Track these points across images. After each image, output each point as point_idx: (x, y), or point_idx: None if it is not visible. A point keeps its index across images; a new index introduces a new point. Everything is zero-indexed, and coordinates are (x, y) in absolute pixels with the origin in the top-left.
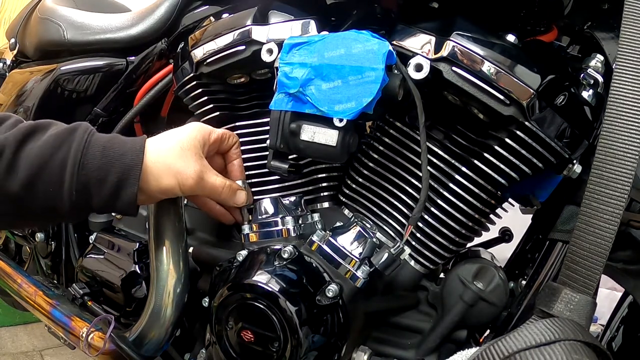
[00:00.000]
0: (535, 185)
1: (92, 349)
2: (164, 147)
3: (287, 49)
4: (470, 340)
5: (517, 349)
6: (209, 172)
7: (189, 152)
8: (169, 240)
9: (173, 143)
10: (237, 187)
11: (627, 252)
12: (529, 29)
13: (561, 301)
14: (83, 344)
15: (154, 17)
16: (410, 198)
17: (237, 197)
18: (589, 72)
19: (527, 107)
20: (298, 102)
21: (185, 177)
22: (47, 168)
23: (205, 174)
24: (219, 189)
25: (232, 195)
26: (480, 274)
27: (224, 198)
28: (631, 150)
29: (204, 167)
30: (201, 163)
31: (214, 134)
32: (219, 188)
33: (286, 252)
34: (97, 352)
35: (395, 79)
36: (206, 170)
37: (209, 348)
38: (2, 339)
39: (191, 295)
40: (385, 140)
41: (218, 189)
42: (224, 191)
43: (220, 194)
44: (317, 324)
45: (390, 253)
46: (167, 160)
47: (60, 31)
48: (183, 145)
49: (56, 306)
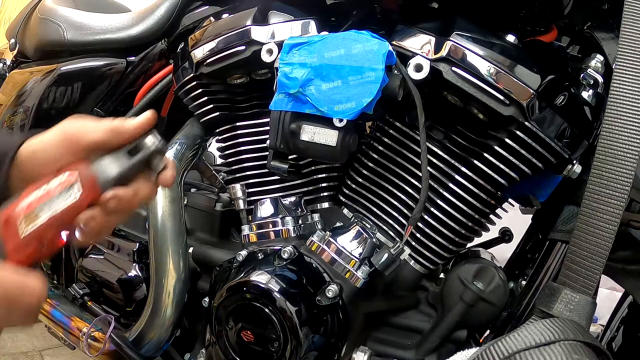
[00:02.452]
0: (535, 185)
1: (92, 349)
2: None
3: (287, 49)
4: (470, 340)
5: (517, 349)
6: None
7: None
8: (169, 240)
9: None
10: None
11: (627, 252)
12: (529, 29)
13: (561, 301)
14: (83, 344)
15: (154, 17)
16: (410, 198)
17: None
18: (589, 72)
19: (527, 107)
20: (298, 103)
21: (56, 138)
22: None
23: (70, 130)
24: (97, 134)
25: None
26: (480, 274)
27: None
28: (631, 150)
29: (70, 129)
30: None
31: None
32: (96, 133)
33: (286, 253)
34: (97, 352)
35: (395, 79)
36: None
37: (209, 348)
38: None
39: (191, 295)
40: (385, 141)
41: (96, 135)
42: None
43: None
44: (317, 324)
45: (390, 253)
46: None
47: (60, 31)
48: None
49: (56, 306)
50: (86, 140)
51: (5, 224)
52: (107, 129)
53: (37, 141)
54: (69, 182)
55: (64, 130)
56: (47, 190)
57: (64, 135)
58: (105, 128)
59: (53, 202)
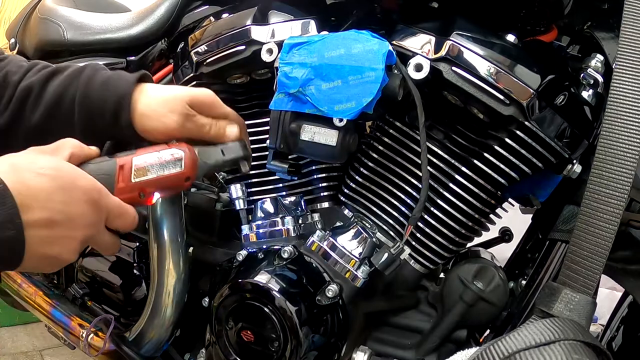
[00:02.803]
0: (535, 185)
1: (92, 349)
2: (153, 93)
3: (287, 49)
4: (470, 340)
5: (517, 349)
6: (192, 120)
7: (172, 105)
8: (169, 240)
9: (160, 96)
10: (226, 124)
11: (627, 252)
12: (529, 29)
13: (561, 301)
14: (83, 344)
15: (154, 17)
16: (410, 198)
17: (229, 131)
18: (589, 72)
19: (527, 107)
20: (298, 102)
21: (170, 121)
22: (62, 101)
23: (188, 122)
24: (205, 126)
25: (222, 130)
26: (480, 274)
27: (214, 134)
28: (631, 150)
29: (186, 116)
30: (184, 113)
31: (199, 94)
32: (205, 125)
33: (286, 252)
34: (97, 352)
35: (395, 79)
36: (189, 118)
37: (209, 348)
38: (2, 339)
39: (191, 295)
40: (385, 140)
41: (205, 126)
42: (212, 129)
43: (209, 132)
44: (317, 324)
45: (390, 253)
46: (155, 102)
47: (60, 31)
48: (169, 99)
49: (56, 306)
50: (212, 113)
51: (121, 168)
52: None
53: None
54: (177, 156)
55: (192, 94)
56: (159, 157)
57: (191, 98)
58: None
59: (161, 166)
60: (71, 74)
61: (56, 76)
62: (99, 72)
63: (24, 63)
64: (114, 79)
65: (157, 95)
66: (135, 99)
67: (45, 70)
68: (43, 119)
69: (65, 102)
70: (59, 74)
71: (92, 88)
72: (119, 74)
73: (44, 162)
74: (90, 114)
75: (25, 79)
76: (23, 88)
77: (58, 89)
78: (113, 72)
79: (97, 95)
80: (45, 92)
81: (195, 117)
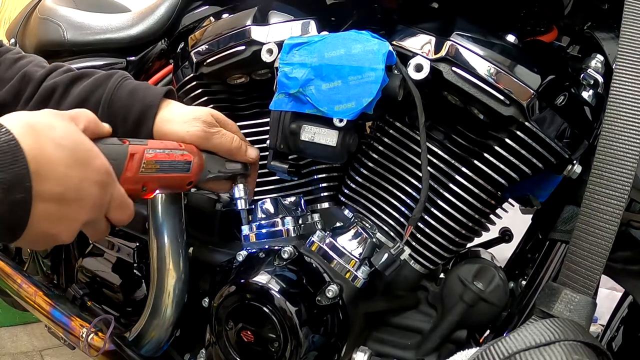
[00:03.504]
0: (535, 185)
1: (92, 349)
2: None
3: (287, 49)
4: (470, 340)
5: (517, 349)
6: (217, 129)
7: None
8: (169, 240)
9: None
10: (247, 142)
11: (627, 252)
12: (529, 29)
13: (561, 301)
14: (83, 344)
15: (154, 17)
16: (410, 198)
17: (250, 150)
18: (589, 72)
19: (527, 107)
20: (298, 103)
21: (194, 127)
22: (86, 104)
23: (213, 129)
24: (228, 140)
25: (244, 147)
26: (480, 274)
27: (234, 150)
28: (631, 150)
29: (212, 125)
30: (210, 123)
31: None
32: (228, 139)
33: (286, 253)
34: (97, 352)
35: (395, 79)
36: (214, 127)
37: (209, 348)
38: (2, 339)
39: (191, 295)
40: (385, 141)
41: (227, 140)
42: (234, 143)
43: (230, 146)
44: (317, 324)
45: (390, 253)
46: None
47: (60, 31)
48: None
49: (56, 306)
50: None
51: (131, 156)
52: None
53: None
54: (186, 159)
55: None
56: (171, 154)
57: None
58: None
59: (170, 165)
60: (98, 78)
61: (82, 80)
62: (127, 80)
63: (46, 63)
64: (142, 89)
65: (182, 110)
66: (160, 112)
67: (70, 72)
68: None
69: (88, 105)
70: (85, 78)
71: (119, 94)
72: (147, 85)
73: (64, 130)
74: (112, 119)
75: (49, 78)
76: (47, 87)
77: (83, 91)
78: (141, 83)
79: (123, 102)
80: (70, 94)
81: (219, 129)
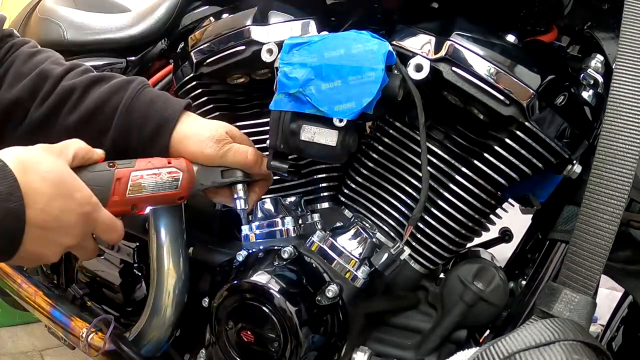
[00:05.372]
0: (535, 185)
1: (92, 349)
2: (195, 120)
3: (287, 49)
4: (470, 340)
5: (517, 349)
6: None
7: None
8: (169, 240)
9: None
10: (262, 155)
11: (627, 252)
12: (529, 29)
13: (561, 301)
14: (83, 344)
15: (154, 17)
16: (410, 198)
17: (265, 163)
18: (589, 72)
19: (527, 107)
20: (298, 102)
21: (209, 149)
22: (102, 109)
23: (227, 147)
24: (243, 155)
25: (259, 161)
26: (480, 274)
27: (250, 163)
28: (631, 150)
29: (226, 142)
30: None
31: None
32: (242, 155)
33: (286, 253)
34: (97, 352)
35: (395, 79)
36: (228, 144)
37: (209, 348)
38: (2, 339)
39: (191, 295)
40: (385, 141)
41: (242, 155)
42: (250, 157)
43: (245, 160)
44: (317, 324)
45: (390, 253)
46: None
47: (60, 31)
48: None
49: (56, 306)
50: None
51: (117, 181)
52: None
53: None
54: (175, 176)
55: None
56: (157, 174)
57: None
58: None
59: (157, 185)
60: (117, 83)
61: (101, 83)
62: (147, 89)
63: (63, 60)
64: (162, 100)
65: (198, 127)
66: (178, 125)
67: (89, 74)
68: (78, 123)
69: (106, 110)
70: (103, 82)
71: (137, 103)
72: (167, 96)
73: (50, 165)
74: (128, 127)
75: (67, 78)
76: (65, 88)
77: (101, 96)
78: (160, 92)
79: (141, 111)
80: (87, 97)
81: (233, 145)
